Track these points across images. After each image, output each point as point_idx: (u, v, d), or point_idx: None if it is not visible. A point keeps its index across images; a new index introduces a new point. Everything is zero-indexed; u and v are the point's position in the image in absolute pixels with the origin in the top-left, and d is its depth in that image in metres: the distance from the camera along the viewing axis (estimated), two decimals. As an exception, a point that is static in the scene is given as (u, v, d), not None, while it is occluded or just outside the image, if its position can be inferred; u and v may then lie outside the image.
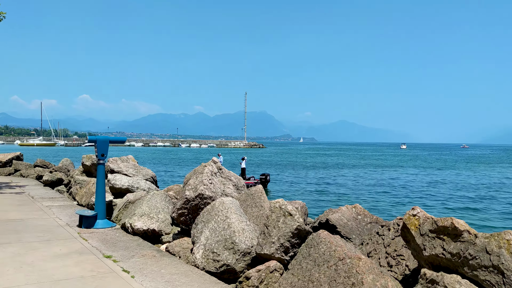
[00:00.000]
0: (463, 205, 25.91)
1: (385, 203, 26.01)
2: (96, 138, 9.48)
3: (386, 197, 28.90)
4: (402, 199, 28.06)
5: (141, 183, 12.63)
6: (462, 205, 26.11)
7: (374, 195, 30.17)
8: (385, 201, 27.12)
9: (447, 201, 27.54)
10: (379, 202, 26.38)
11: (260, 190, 7.94)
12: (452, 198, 29.33)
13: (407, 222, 4.53)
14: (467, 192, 32.83)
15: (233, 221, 6.80)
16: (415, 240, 4.40)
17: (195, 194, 8.16)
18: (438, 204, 26.30)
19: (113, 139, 9.85)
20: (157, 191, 10.15)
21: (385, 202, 26.66)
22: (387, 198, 28.63)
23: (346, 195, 29.71)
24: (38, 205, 12.51)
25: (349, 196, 29.21)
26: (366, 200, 27.39)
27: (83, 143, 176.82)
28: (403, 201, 27.32)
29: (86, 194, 12.52)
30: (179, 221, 8.31)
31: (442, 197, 29.51)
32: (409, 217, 4.57)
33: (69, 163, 20.76)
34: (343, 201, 26.27)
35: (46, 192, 15.50)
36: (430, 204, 26.19)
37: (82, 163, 15.56)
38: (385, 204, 25.80)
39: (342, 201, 26.62)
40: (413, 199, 28.17)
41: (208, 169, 8.63)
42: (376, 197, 28.86)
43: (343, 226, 7.15)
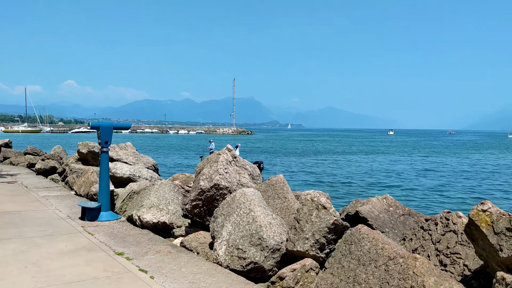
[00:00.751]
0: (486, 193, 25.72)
1: (389, 191, 25.70)
2: (99, 124, 8.81)
3: (387, 185, 28.61)
4: (405, 186, 27.78)
5: (143, 172, 11.99)
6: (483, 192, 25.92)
7: (375, 182, 29.88)
8: (387, 187, 26.82)
9: (468, 189, 27.33)
10: (383, 190, 26.06)
11: (282, 180, 7.37)
12: (471, 186, 29.16)
13: (476, 219, 4.00)
14: (481, 179, 32.72)
15: (258, 214, 6.23)
16: (487, 239, 3.88)
17: (210, 184, 7.57)
18: (456, 192, 26.08)
19: (117, 125, 9.18)
20: (165, 180, 9.53)
21: (387, 189, 26.36)
22: (388, 185, 28.34)
23: (344, 182, 29.36)
24: (34, 195, 11.80)
25: (348, 183, 28.86)
26: (367, 187, 27.06)
27: (69, 129, 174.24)
28: (402, 186, 27.05)
29: (84, 183, 11.84)
30: (193, 213, 7.72)
31: (458, 186, 29.31)
32: (477, 213, 4.04)
33: (61, 150, 19.98)
34: (344, 190, 25.89)
35: (39, 181, 14.76)
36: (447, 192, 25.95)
37: (78, 150, 14.81)
38: (390, 191, 25.49)
39: (342, 189, 26.25)
40: (419, 186, 27.91)
41: (223, 157, 8.02)
42: (377, 184, 28.56)
43: (374, 219, 6.63)
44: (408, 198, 22.95)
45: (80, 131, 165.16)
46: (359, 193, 24.09)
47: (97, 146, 14.86)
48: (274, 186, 7.34)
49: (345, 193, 23.89)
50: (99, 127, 8.82)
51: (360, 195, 23.61)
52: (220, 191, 7.66)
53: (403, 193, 24.85)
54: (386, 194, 7.05)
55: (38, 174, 16.45)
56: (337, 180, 30.67)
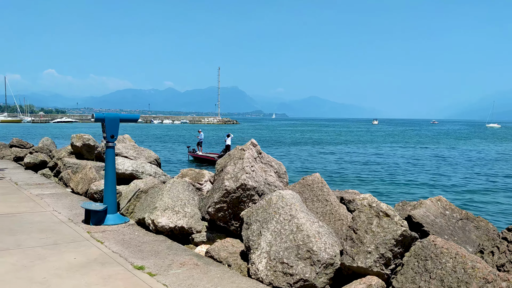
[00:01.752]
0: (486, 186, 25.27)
1: (388, 184, 25.09)
2: (104, 116, 7.81)
3: (383, 177, 28.03)
4: (404, 179, 27.23)
5: (146, 167, 11.01)
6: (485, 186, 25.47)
7: (372, 175, 29.29)
8: (386, 181, 26.23)
9: (462, 182, 26.87)
10: (380, 184, 25.45)
11: (320, 179, 6.51)
12: (465, 178, 28.73)
13: None
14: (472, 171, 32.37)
15: (303, 221, 5.37)
16: None
17: (236, 184, 6.67)
18: (451, 185, 25.59)
19: (124, 117, 8.18)
20: (177, 178, 8.59)
21: (387, 183, 25.76)
22: (385, 177, 27.76)
23: (342, 175, 28.71)
24: (26, 193, 10.75)
25: (345, 176, 28.21)
26: (364, 181, 26.43)
27: (51, 119, 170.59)
28: (399, 180, 26.49)
29: (82, 180, 10.82)
30: (217, 217, 6.82)
31: (448, 177, 28.87)
32: None
33: (50, 142, 18.83)
34: (343, 182, 25.21)
35: (30, 176, 13.65)
36: (443, 185, 25.43)
37: (72, 143, 13.72)
38: (387, 185, 24.89)
39: (341, 182, 25.57)
40: (419, 180, 27.38)
41: (249, 153, 7.13)
42: (373, 177, 27.96)
43: (431, 224, 5.84)
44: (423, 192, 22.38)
45: (63, 121, 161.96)
46: (361, 184, 23.45)
47: (92, 139, 13.81)
48: (311, 187, 6.49)
49: (349, 185, 23.22)
50: (104, 119, 7.82)
51: (360, 186, 22.98)
52: (247, 192, 6.78)
53: (422, 189, 24.29)
54: (439, 196, 6.25)
55: (27, 168, 15.32)
56: (336, 170, 30.01)
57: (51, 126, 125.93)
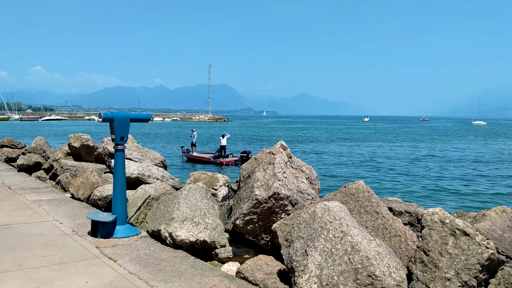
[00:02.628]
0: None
1: (395, 184, 24.43)
2: (113, 115, 6.95)
3: (391, 176, 27.38)
4: (417, 181, 26.59)
5: (153, 170, 10.15)
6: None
7: (376, 174, 28.63)
8: (394, 181, 25.58)
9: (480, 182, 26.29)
10: (391, 184, 24.79)
11: (365, 188, 5.73)
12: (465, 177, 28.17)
13: None
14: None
15: (358, 239, 4.58)
16: None
17: (268, 193, 5.87)
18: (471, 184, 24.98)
19: (135, 117, 7.32)
20: (192, 183, 7.74)
21: (394, 182, 25.10)
22: (394, 177, 27.11)
23: (341, 176, 28.02)
24: (21, 199, 9.84)
25: (346, 177, 27.52)
26: (373, 180, 25.74)
27: (39, 117, 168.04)
28: (410, 181, 25.86)
29: (83, 185, 9.93)
30: (245, 231, 6.02)
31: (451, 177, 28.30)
32: None
33: (44, 142, 17.85)
34: (332, 178, 24.50)
35: (23, 180, 12.71)
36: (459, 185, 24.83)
37: (69, 144, 12.78)
38: (397, 185, 24.23)
39: (340, 182, 24.86)
40: (430, 179, 26.77)
41: (280, 158, 6.32)
42: (380, 177, 27.30)
43: (499, 240, 5.07)
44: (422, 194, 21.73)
45: (52, 119, 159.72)
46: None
47: (92, 139, 12.89)
48: (355, 197, 5.69)
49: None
50: (113, 119, 6.96)
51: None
52: (280, 201, 5.98)
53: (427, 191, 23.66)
54: (503, 206, 5.50)
55: (20, 171, 14.36)
56: (338, 171, 29.32)
57: (40, 124, 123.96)
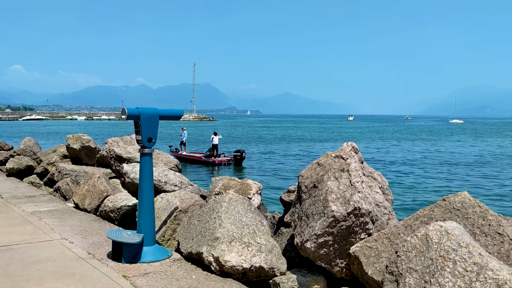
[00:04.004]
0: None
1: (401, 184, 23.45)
2: (139, 112, 5.64)
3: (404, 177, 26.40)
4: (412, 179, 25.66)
5: (170, 176, 8.84)
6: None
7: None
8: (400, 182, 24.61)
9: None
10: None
11: (473, 201, 4.53)
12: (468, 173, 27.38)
13: None
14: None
15: (504, 276, 3.39)
16: None
17: (348, 209, 4.66)
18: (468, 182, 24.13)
19: (165, 113, 6.00)
20: (234, 194, 6.46)
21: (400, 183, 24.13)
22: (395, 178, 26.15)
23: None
24: (17, 211, 8.43)
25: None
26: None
27: (20, 116, 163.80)
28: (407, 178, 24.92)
29: (90, 193, 8.56)
30: (317, 255, 4.79)
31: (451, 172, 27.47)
32: None
33: (34, 143, 16.34)
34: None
35: (15, 186, 11.25)
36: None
37: (67, 145, 11.34)
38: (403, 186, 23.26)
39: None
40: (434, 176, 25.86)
41: (354, 164, 5.10)
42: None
43: None
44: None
45: (32, 119, 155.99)
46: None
47: (93, 141, 11.48)
48: (463, 213, 4.49)
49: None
50: (140, 116, 5.66)
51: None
52: (361, 219, 4.77)
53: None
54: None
55: (10, 175, 12.88)
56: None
57: (20, 124, 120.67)
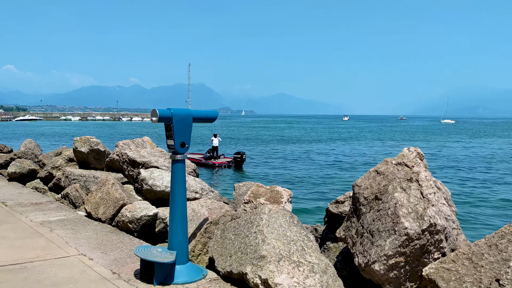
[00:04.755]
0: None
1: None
2: (171, 114, 4.98)
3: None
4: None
5: (190, 182, 8.20)
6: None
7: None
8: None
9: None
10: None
11: None
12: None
13: None
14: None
15: None
16: None
17: (422, 225, 4.04)
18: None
19: (199, 115, 5.34)
20: (273, 205, 5.81)
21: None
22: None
23: (337, 175, 26.36)
24: (25, 220, 7.74)
25: (342, 176, 25.89)
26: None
27: (13, 117, 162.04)
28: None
29: (104, 201, 7.87)
30: (387, 278, 4.16)
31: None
32: None
33: (35, 145, 15.62)
34: (341, 184, 22.81)
35: (19, 192, 10.53)
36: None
37: (75, 149, 10.62)
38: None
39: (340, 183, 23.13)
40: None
41: (424, 172, 4.47)
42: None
43: None
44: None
45: (26, 119, 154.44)
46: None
47: (102, 144, 10.77)
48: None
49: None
50: (172, 118, 4.99)
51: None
52: (436, 236, 4.15)
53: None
54: None
55: (11, 180, 12.14)
56: (330, 172, 27.66)
57: (14, 125, 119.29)
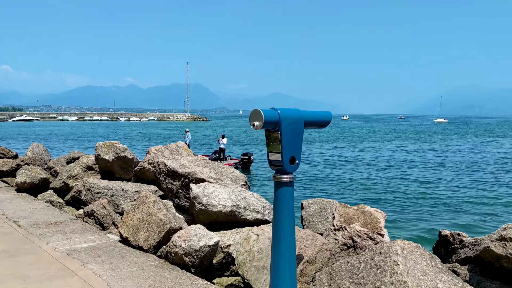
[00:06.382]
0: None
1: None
2: (279, 116, 3.43)
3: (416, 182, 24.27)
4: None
5: (249, 199, 6.65)
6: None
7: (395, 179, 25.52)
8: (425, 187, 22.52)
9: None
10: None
11: None
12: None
13: None
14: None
15: None
16: None
17: None
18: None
19: (311, 118, 3.79)
20: (406, 243, 4.27)
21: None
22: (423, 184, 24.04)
23: (354, 180, 24.86)
24: (46, 249, 6.16)
25: (359, 181, 24.37)
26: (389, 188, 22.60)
27: (9, 117, 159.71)
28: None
29: (145, 224, 6.28)
30: None
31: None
32: None
33: (43, 150, 14.05)
34: (365, 191, 21.31)
35: (32, 207, 8.92)
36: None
37: (98, 156, 9.01)
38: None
39: (388, 199, 21.66)
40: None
41: None
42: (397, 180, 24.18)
43: None
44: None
45: (23, 119, 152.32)
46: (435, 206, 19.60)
47: (129, 150, 9.17)
48: None
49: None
50: (280, 122, 3.44)
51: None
52: None
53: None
54: None
55: (20, 191, 10.54)
56: (345, 174, 26.15)
57: (11, 125, 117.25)
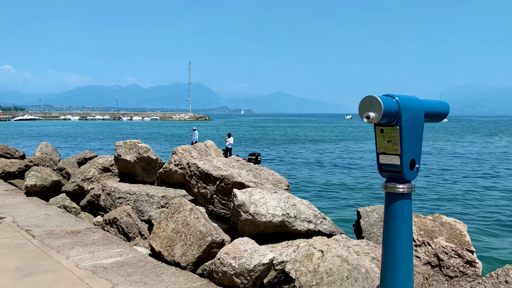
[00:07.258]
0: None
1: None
2: (399, 106, 2.54)
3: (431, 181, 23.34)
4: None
5: (299, 207, 5.77)
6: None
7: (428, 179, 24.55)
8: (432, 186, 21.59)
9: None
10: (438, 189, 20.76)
11: None
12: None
13: None
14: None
15: None
16: None
17: None
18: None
19: (432, 109, 2.92)
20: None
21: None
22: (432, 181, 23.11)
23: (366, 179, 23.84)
24: (67, 265, 5.28)
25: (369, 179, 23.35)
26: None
27: (12, 117, 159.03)
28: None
29: (182, 237, 5.39)
30: None
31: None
32: None
33: (52, 150, 13.18)
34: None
35: (45, 214, 8.04)
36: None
37: (117, 156, 8.12)
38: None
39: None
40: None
41: None
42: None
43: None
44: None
45: (25, 119, 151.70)
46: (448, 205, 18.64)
47: (152, 150, 8.29)
48: None
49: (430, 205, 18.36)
50: (400, 114, 2.56)
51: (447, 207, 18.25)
52: None
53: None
54: None
55: (30, 195, 9.67)
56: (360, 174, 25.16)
57: (13, 125, 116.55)
